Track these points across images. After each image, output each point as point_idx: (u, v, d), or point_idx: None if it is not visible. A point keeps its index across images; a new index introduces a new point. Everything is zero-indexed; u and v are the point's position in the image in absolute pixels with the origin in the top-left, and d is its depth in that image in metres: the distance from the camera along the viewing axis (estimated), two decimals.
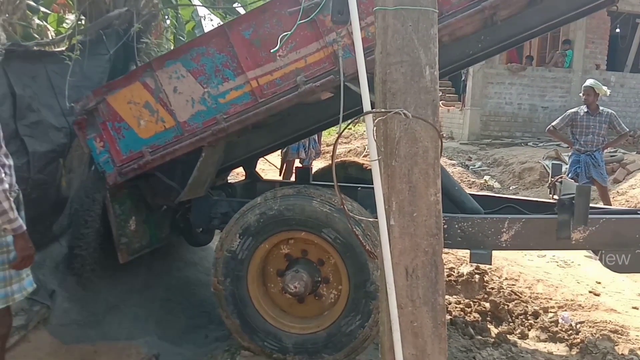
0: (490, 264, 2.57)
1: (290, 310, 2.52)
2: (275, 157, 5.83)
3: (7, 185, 1.68)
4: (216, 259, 2.45)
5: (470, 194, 2.80)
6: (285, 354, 2.41)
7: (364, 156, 8.85)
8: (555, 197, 2.85)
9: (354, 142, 10.55)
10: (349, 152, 9.92)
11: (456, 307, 3.33)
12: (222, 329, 2.76)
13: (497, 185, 7.61)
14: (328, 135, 12.23)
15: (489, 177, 7.90)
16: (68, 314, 2.55)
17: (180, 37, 5.02)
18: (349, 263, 2.33)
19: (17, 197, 1.85)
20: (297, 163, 5.56)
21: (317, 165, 5.40)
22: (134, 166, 2.59)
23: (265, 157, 3.73)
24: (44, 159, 2.68)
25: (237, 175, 4.90)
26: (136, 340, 2.64)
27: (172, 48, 3.89)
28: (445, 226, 2.32)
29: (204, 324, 2.99)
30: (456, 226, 2.44)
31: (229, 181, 3.49)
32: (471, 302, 3.44)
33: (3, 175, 1.68)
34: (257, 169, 3.61)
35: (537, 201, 3.04)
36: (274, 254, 2.50)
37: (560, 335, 3.01)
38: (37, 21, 3.48)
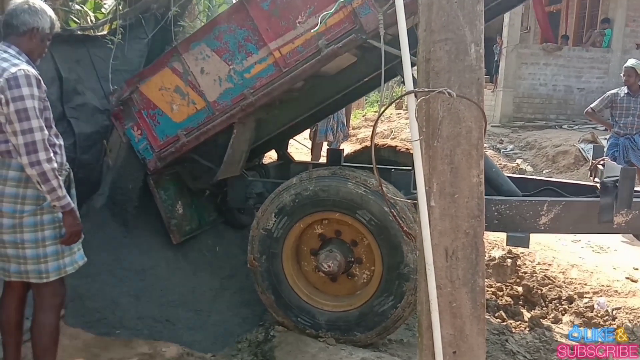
0: (528, 247, 2.53)
1: (323, 288, 2.56)
2: (302, 139, 5.85)
3: (55, 165, 1.72)
4: (252, 236, 2.50)
5: (507, 176, 2.75)
6: (317, 330, 2.46)
7: (391, 139, 8.72)
8: (597, 179, 2.75)
9: (380, 125, 10.40)
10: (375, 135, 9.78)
11: (487, 290, 3.31)
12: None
13: (529, 169, 7.39)
14: (354, 119, 12.14)
15: (521, 160, 7.67)
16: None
17: None
18: (383, 245, 2.33)
19: (67, 175, 1.91)
20: (324, 146, 5.56)
21: (344, 148, 5.38)
22: (172, 149, 2.66)
23: (294, 138, 3.76)
24: (89, 140, 2.79)
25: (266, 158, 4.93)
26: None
27: None
28: None
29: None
30: (493, 209, 2.40)
31: (262, 163, 3.54)
32: (503, 286, 3.41)
33: (52, 154, 1.73)
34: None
35: (577, 184, 2.95)
36: (308, 234, 2.53)
37: (595, 320, 2.97)
38: (76, 6, 3.58)
